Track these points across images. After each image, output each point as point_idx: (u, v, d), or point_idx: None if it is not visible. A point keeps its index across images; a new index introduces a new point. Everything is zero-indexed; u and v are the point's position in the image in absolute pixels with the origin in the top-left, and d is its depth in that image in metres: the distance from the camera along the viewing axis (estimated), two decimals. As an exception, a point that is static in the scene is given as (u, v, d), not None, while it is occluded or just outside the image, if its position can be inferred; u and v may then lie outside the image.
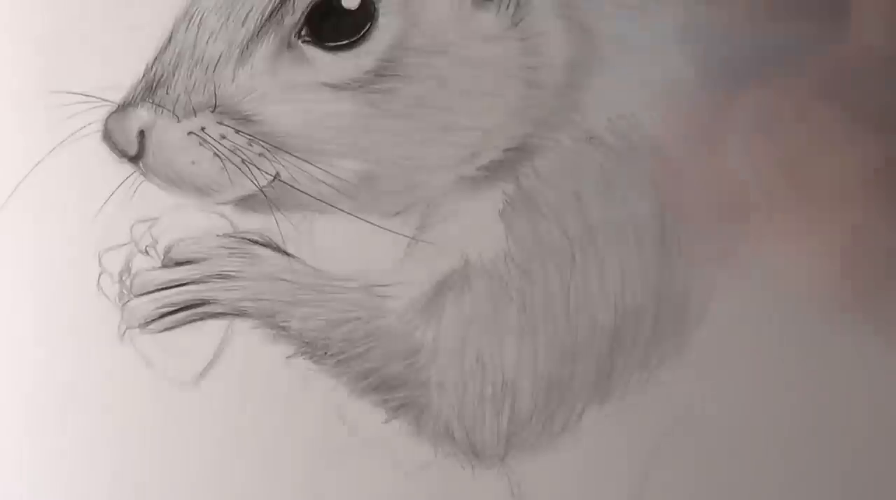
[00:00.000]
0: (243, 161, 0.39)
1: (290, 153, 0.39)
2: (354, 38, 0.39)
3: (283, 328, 0.41)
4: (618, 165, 0.40)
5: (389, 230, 0.40)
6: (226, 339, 0.41)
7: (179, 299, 0.41)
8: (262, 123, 0.39)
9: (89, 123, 0.40)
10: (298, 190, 0.39)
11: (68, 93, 0.41)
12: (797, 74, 0.40)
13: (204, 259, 0.41)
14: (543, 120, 0.40)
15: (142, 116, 0.39)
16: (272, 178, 0.39)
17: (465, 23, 0.39)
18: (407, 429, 0.41)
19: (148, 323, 0.41)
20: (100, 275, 0.41)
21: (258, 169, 0.39)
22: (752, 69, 0.40)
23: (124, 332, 0.41)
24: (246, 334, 0.41)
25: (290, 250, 0.41)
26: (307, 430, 0.41)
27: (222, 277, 0.41)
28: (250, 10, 0.39)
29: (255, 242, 0.41)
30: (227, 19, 0.39)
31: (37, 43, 0.42)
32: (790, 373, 0.40)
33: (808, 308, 0.40)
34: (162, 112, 0.39)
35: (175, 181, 0.39)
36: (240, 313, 0.41)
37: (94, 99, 0.40)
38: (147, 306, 0.41)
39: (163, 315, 0.41)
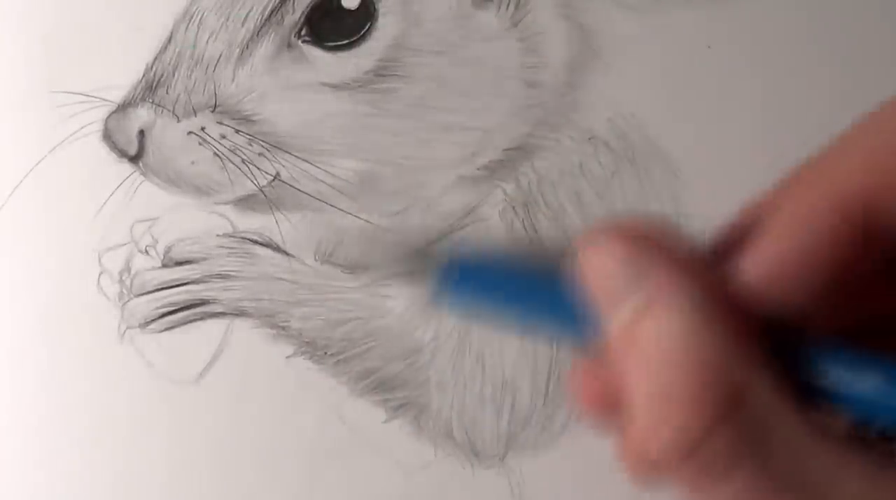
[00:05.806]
0: (243, 161, 0.39)
1: (289, 153, 0.39)
2: (354, 38, 0.39)
3: (283, 328, 0.41)
4: (618, 164, 0.40)
5: (389, 230, 0.40)
6: (226, 339, 0.41)
7: (179, 298, 0.41)
8: (262, 123, 0.39)
9: (89, 123, 0.40)
10: (298, 190, 0.39)
11: (68, 93, 0.41)
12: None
13: (204, 259, 0.41)
14: (543, 120, 0.40)
15: (142, 115, 0.39)
16: (272, 178, 0.39)
17: (465, 23, 0.39)
18: (407, 429, 0.41)
19: (148, 323, 0.41)
20: (100, 275, 0.41)
21: (258, 169, 0.39)
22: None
23: (124, 332, 0.41)
24: (246, 334, 0.41)
25: (290, 250, 0.41)
26: (307, 430, 0.41)
27: (222, 277, 0.41)
28: (250, 10, 0.39)
29: (255, 242, 0.41)
30: (227, 19, 0.39)
31: (37, 43, 0.42)
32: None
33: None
34: (162, 112, 0.39)
35: (175, 181, 0.39)
36: (240, 313, 0.41)
37: (94, 99, 0.40)
38: (147, 305, 0.41)
39: (163, 315, 0.41)
